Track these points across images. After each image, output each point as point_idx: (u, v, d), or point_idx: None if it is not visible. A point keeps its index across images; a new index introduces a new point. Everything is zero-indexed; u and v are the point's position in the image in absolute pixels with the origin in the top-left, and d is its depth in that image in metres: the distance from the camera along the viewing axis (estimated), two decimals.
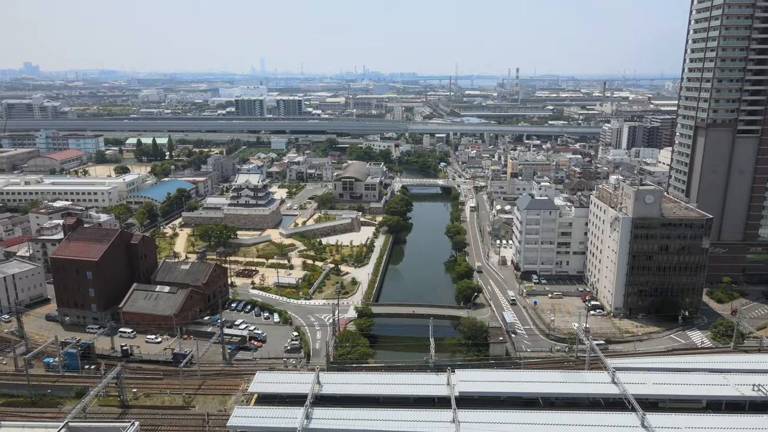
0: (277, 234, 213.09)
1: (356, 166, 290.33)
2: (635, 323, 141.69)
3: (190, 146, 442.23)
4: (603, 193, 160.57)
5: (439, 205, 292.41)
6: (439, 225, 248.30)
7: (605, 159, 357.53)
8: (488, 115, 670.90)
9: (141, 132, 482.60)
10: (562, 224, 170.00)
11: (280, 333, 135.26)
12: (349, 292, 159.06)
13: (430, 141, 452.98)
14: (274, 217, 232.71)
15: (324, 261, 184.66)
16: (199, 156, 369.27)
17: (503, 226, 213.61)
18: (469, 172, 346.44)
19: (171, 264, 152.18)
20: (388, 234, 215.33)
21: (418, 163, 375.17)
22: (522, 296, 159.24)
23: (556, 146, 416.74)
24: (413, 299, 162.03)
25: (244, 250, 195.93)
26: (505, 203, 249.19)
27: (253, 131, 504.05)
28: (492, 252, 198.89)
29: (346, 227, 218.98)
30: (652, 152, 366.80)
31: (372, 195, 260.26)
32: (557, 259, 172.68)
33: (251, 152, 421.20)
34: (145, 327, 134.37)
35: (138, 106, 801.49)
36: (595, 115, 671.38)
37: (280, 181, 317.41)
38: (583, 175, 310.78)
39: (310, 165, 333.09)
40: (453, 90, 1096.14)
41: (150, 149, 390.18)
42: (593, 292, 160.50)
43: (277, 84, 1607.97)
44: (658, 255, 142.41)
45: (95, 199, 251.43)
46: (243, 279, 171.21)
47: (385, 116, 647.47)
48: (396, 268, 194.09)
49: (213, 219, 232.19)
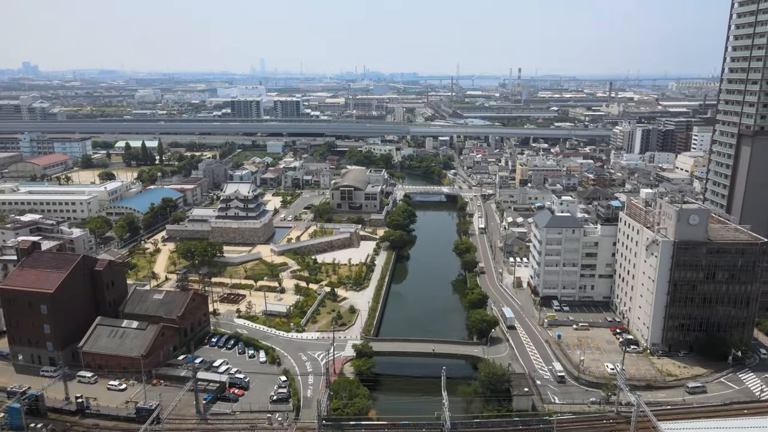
0: (268, 250, 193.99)
1: (355, 173, 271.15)
2: (677, 363, 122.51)
3: (183, 150, 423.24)
4: (634, 210, 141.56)
5: (444, 214, 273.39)
6: (445, 237, 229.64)
7: (618, 164, 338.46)
8: (492, 116, 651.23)
9: (133, 134, 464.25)
10: (587, 244, 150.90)
11: (267, 376, 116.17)
12: (347, 324, 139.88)
13: (433, 144, 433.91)
14: (266, 231, 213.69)
15: (319, 283, 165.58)
16: (190, 161, 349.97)
17: (516, 242, 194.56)
18: (475, 178, 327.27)
19: (142, 293, 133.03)
20: (390, 250, 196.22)
21: (421, 168, 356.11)
22: (543, 327, 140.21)
23: (566, 150, 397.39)
24: (419, 329, 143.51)
25: (231, 269, 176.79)
26: (517, 215, 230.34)
27: (249, 134, 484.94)
28: (505, 271, 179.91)
29: (344, 242, 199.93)
30: (667, 157, 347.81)
31: (372, 205, 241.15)
32: (581, 283, 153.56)
33: (246, 156, 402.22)
34: (109, 369, 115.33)
35: (134, 107, 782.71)
36: (602, 117, 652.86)
37: (274, 188, 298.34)
38: (597, 183, 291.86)
39: (307, 171, 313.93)
40: (454, 90, 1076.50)
41: (139, 153, 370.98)
42: (624, 323, 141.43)
43: (276, 84, 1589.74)
44: (703, 284, 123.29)
45: (73, 210, 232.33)
46: (228, 305, 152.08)
47: (386, 117, 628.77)
48: (399, 290, 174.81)
49: (199, 232, 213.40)
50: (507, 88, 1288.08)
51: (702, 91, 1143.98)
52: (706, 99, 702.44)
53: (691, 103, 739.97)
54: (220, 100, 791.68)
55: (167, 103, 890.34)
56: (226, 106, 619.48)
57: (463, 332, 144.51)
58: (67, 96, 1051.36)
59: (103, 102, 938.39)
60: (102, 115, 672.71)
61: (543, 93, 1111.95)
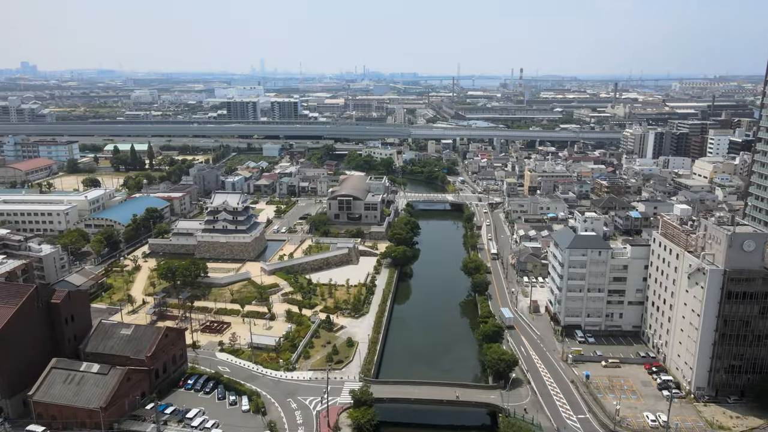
0: (258, 268, 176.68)
1: (354, 181, 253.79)
2: (728, 412, 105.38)
3: (175, 153, 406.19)
4: (671, 230, 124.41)
5: (449, 224, 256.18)
6: (450, 250, 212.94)
7: (632, 169, 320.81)
8: (495, 117, 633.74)
9: (124, 137, 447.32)
10: (615, 267, 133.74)
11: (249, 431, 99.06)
12: (344, 360, 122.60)
13: (436, 147, 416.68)
14: (257, 245, 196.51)
15: (313, 309, 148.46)
16: (180, 166, 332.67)
17: (530, 259, 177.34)
18: (481, 184, 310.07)
19: (108, 327, 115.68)
20: (392, 268, 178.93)
21: (424, 173, 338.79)
22: (567, 363, 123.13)
23: (575, 154, 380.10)
24: (426, 365, 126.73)
25: (217, 292, 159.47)
26: (528, 226, 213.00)
27: (245, 136, 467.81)
28: (519, 292, 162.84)
29: (341, 259, 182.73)
30: (683, 162, 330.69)
31: (373, 216, 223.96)
32: (608, 311, 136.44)
33: (241, 160, 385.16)
34: (64, 423, 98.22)
35: (129, 108, 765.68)
36: (608, 118, 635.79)
37: (268, 195, 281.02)
38: (611, 190, 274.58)
39: (303, 177, 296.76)
40: (455, 91, 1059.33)
41: (128, 157, 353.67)
42: (659, 358, 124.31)
43: (275, 84, 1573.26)
44: (758, 320, 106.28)
45: (49, 221, 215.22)
46: (210, 336, 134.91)
47: (386, 119, 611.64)
48: (402, 314, 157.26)
49: (184, 247, 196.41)
50: (508, 88, 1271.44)
51: (707, 91, 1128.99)
52: (715, 100, 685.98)
53: (699, 104, 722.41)
54: (217, 101, 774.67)
55: (163, 103, 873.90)
56: (222, 108, 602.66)
57: (476, 367, 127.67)
58: (63, 96, 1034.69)
59: (98, 103, 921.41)
60: (95, 117, 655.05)
61: (545, 93, 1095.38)
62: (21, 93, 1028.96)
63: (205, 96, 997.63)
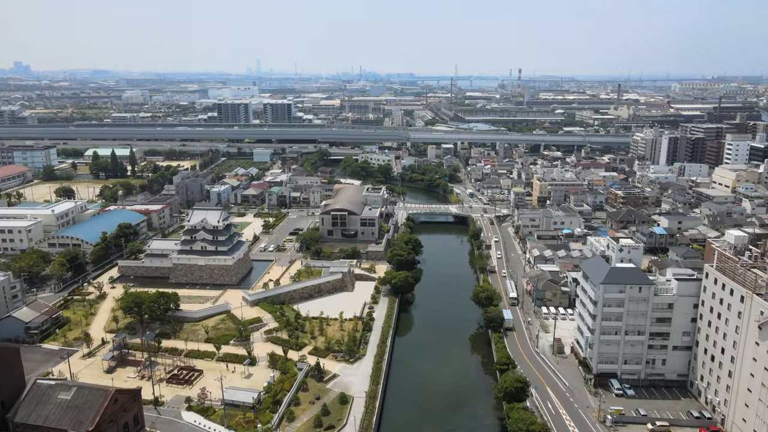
0: (240, 297, 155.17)
1: (349, 192, 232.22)
2: None
3: (160, 158, 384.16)
4: (728, 264, 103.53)
5: (453, 239, 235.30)
6: (456, 270, 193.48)
7: (646, 177, 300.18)
8: (495, 120, 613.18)
9: (109, 141, 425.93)
10: (659, 306, 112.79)
11: None
12: (336, 426, 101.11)
13: (436, 153, 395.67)
14: (241, 267, 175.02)
15: (301, 349, 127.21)
16: (164, 173, 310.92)
17: (549, 286, 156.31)
18: (486, 193, 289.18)
19: (45, 390, 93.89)
20: (391, 297, 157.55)
21: (424, 181, 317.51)
22: (605, 425, 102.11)
23: (583, 160, 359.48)
24: (435, 426, 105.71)
25: (190, 328, 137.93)
26: (542, 245, 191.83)
27: (235, 140, 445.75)
28: (538, 326, 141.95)
29: (335, 286, 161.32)
30: (699, 169, 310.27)
31: (370, 233, 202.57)
32: (649, 356, 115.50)
33: (230, 165, 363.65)
34: None
35: (119, 109, 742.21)
36: (612, 121, 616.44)
37: (257, 206, 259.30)
38: (627, 201, 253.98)
39: (295, 186, 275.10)
40: (453, 92, 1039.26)
41: (108, 164, 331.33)
42: (716, 419, 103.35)
43: (270, 85, 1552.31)
44: None
45: (10, 239, 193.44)
46: (176, 388, 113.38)
47: (384, 121, 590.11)
48: (404, 355, 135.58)
49: (158, 270, 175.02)
50: (507, 89, 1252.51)
51: (708, 92, 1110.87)
52: (722, 101, 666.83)
53: (704, 106, 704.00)
54: (210, 102, 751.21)
55: (154, 104, 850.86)
56: (213, 110, 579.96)
57: (495, 427, 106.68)
58: (53, 97, 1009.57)
59: (87, 104, 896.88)
60: (82, 118, 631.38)
61: (544, 94, 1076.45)
62: (10, 93, 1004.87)
63: (199, 97, 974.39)
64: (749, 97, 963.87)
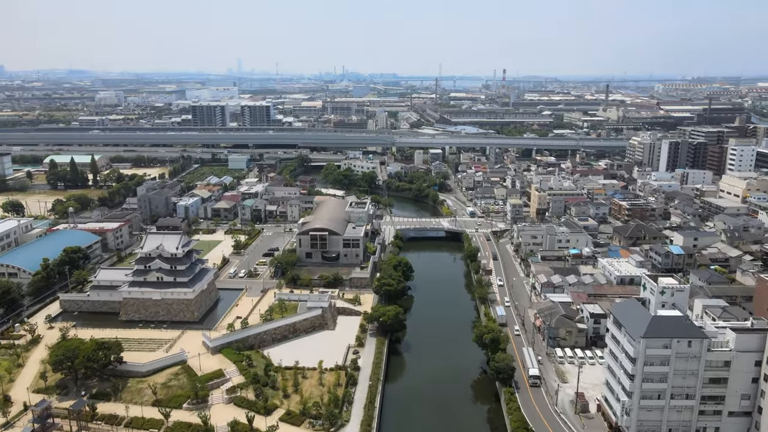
0: (200, 341, 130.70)
1: (331, 208, 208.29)
2: None
3: (128, 166, 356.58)
4: None
5: (445, 257, 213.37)
6: (451, 297, 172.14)
7: (648, 185, 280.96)
8: (483, 122, 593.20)
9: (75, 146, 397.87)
10: (712, 364, 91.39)
11: None
12: None
13: (424, 158, 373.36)
14: (204, 301, 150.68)
15: (271, 414, 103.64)
16: (128, 183, 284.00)
17: (563, 322, 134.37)
18: (479, 203, 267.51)
19: None
20: (380, 338, 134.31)
21: (412, 190, 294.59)
22: None
23: (579, 166, 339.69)
24: None
25: (135, 386, 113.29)
26: (548, 268, 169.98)
27: (210, 145, 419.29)
28: (552, 371, 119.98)
29: (313, 323, 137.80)
30: (703, 176, 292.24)
31: (354, 255, 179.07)
32: (699, 424, 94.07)
33: (203, 173, 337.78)
34: None
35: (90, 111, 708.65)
36: (602, 122, 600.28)
37: (229, 221, 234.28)
38: (634, 214, 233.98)
39: (271, 199, 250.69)
40: (438, 92, 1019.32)
41: (67, 172, 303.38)
42: None
43: (251, 85, 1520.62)
44: None
45: None
46: None
47: (367, 123, 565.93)
48: (397, 421, 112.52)
49: (107, 305, 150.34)
50: (491, 89, 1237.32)
51: (691, 92, 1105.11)
52: (712, 103, 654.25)
53: (694, 108, 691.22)
54: (187, 103, 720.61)
55: (128, 106, 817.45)
56: (187, 112, 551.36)
57: None
58: (22, 98, 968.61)
59: (58, 105, 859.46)
60: (48, 121, 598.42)
61: (529, 95, 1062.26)
62: None
63: (176, 98, 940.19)
64: (733, 97, 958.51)
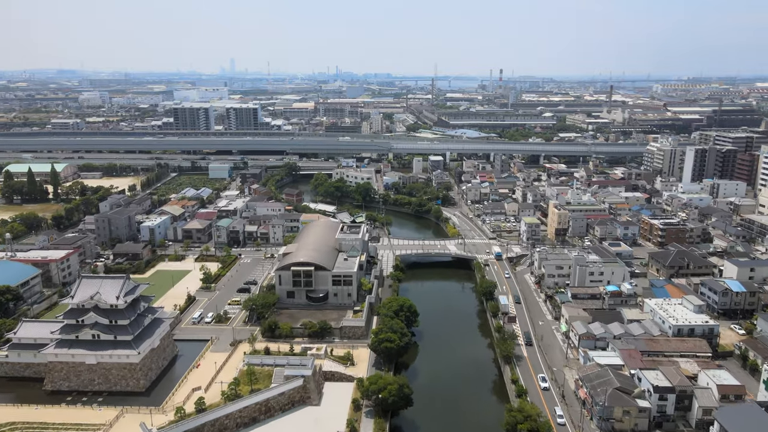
0: (138, 426, 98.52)
1: (318, 233, 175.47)
2: None
3: (98, 175, 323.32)
4: None
5: (452, 287, 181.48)
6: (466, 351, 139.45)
7: (676, 198, 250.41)
8: (483, 124, 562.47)
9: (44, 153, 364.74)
10: None
11: None
12: None
13: (423, 165, 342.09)
14: (154, 363, 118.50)
15: None
16: (91, 198, 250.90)
17: (617, 399, 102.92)
18: (487, 220, 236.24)
19: None
20: (378, 419, 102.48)
21: (412, 204, 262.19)
22: None
23: (596, 176, 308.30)
24: None
25: None
26: (582, 311, 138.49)
27: (191, 152, 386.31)
28: None
29: (292, 398, 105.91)
30: (736, 187, 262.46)
31: (345, 294, 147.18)
32: None
33: (180, 184, 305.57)
34: None
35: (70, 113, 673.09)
36: (608, 125, 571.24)
37: (201, 245, 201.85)
38: (668, 235, 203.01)
39: (251, 218, 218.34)
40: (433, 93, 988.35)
41: (24, 185, 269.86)
42: None
43: (243, 85, 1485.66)
44: None
45: None
46: None
47: (361, 126, 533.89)
48: None
49: (30, 368, 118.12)
50: (488, 90, 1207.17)
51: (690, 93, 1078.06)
52: (722, 104, 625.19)
53: (703, 109, 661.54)
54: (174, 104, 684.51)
55: (112, 107, 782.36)
56: (169, 115, 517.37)
57: None
58: (2, 99, 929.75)
59: (38, 106, 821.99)
60: (24, 124, 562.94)
61: (527, 96, 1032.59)
62: None
63: (163, 98, 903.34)
64: (734, 98, 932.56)
